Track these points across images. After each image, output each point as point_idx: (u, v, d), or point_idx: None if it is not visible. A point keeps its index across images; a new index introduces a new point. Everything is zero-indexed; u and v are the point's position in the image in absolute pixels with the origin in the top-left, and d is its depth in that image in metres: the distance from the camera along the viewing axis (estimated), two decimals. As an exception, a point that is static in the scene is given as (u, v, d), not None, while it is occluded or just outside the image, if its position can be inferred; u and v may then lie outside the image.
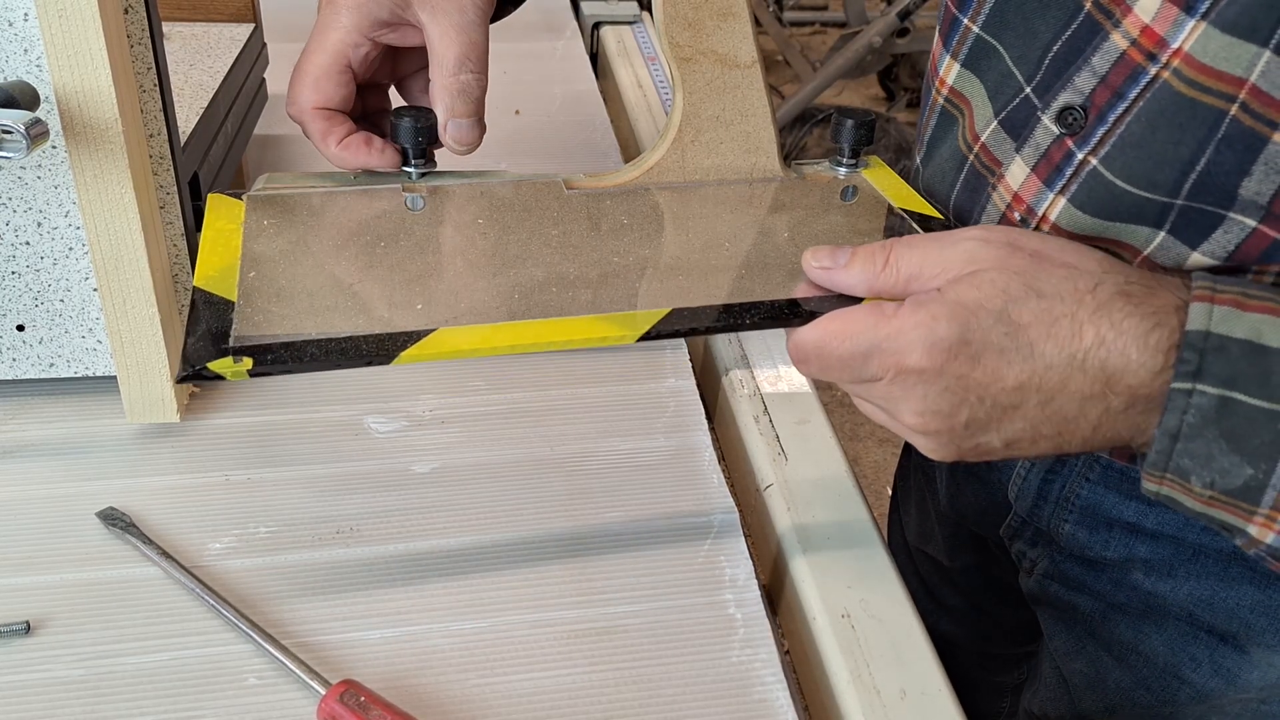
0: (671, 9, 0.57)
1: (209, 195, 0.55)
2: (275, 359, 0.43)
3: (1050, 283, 0.41)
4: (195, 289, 0.47)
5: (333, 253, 0.51)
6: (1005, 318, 0.41)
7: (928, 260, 0.44)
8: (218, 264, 0.49)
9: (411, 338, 0.45)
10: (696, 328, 0.47)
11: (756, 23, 0.59)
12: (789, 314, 0.48)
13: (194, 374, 0.42)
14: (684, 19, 0.57)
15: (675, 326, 0.47)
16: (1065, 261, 0.42)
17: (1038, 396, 0.41)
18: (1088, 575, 0.60)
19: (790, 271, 0.51)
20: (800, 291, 0.49)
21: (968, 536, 0.75)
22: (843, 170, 0.62)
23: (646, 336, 0.46)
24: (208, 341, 0.43)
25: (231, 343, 0.43)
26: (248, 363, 0.42)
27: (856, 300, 0.46)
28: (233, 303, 0.46)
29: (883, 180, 0.61)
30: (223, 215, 0.53)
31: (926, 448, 0.45)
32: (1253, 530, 0.40)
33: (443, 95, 0.56)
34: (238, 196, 0.56)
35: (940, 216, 0.56)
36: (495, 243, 0.53)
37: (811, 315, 0.46)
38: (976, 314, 0.41)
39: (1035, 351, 0.41)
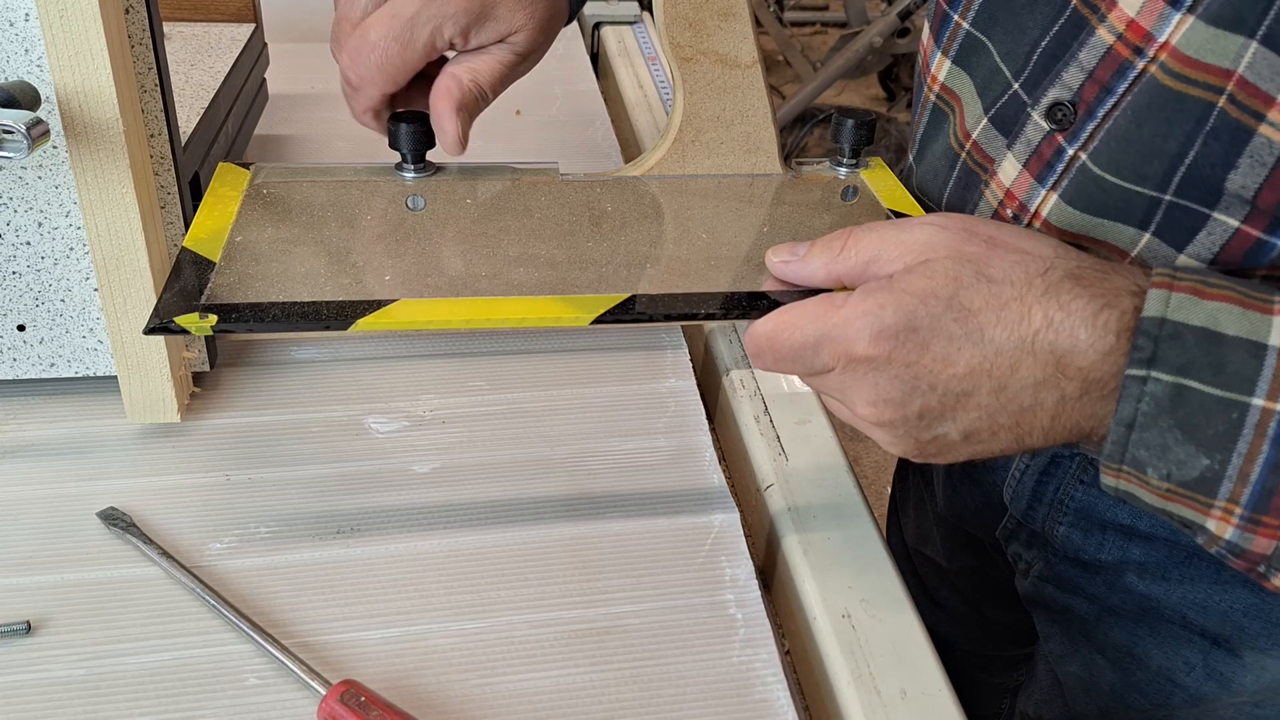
0: (672, 9, 0.57)
1: (220, 164, 0.57)
2: (239, 318, 0.45)
3: (1001, 268, 0.41)
4: (183, 249, 0.49)
5: (319, 228, 0.52)
6: (955, 304, 0.41)
7: (885, 243, 0.44)
8: (210, 227, 0.51)
9: (371, 306, 0.46)
10: (652, 314, 0.48)
11: (757, 23, 0.60)
12: (747, 305, 0.48)
13: (161, 327, 0.44)
14: (685, 19, 0.57)
15: (630, 312, 0.47)
16: (1018, 247, 0.42)
17: (989, 383, 0.41)
18: (1082, 578, 0.60)
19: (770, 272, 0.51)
20: (766, 287, 0.49)
21: (965, 538, 0.75)
22: (843, 170, 0.62)
23: (600, 320, 0.47)
24: (181, 298, 0.46)
25: (203, 300, 0.46)
26: (212, 319, 0.44)
27: (817, 293, 0.47)
28: (214, 263, 0.48)
29: (880, 181, 0.61)
30: (227, 182, 0.55)
31: (885, 441, 0.45)
32: (1211, 525, 0.40)
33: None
34: (246, 167, 0.57)
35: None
36: (477, 225, 0.54)
37: (770, 308, 0.46)
38: (925, 301, 0.41)
39: (985, 337, 0.40)
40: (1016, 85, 0.51)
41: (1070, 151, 0.48)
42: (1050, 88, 0.49)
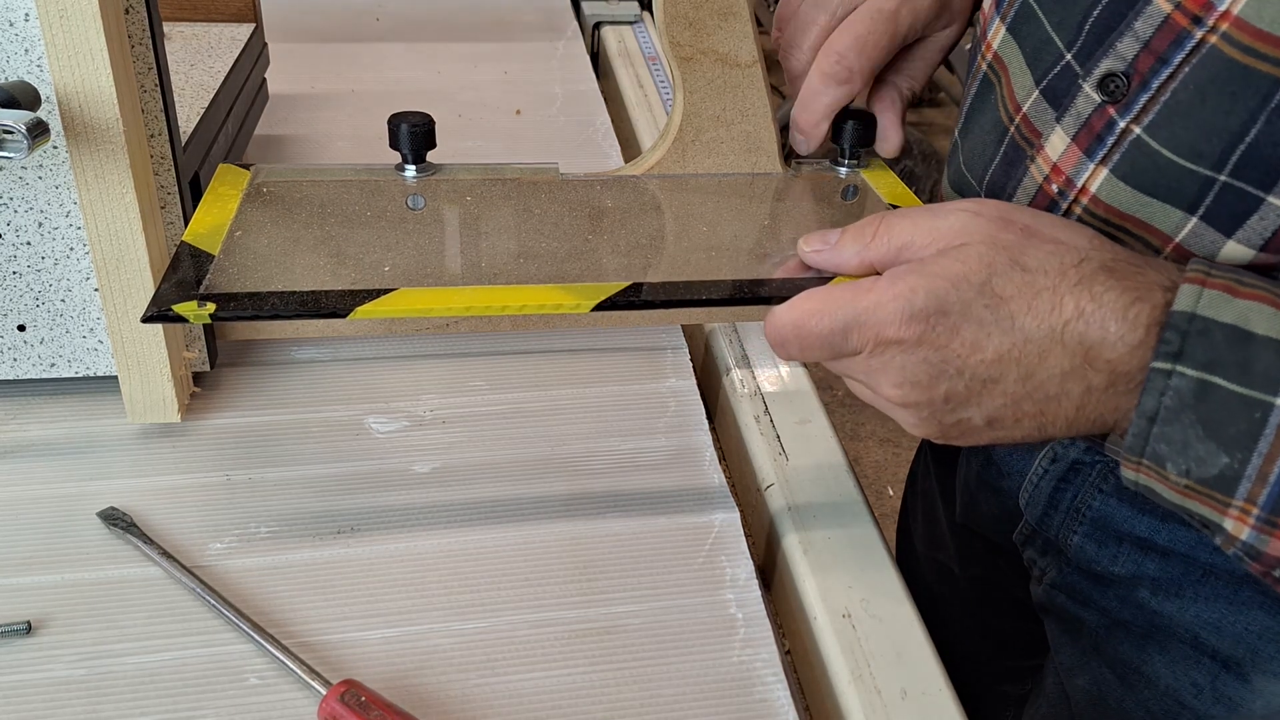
0: (672, 8, 0.57)
1: (220, 165, 0.57)
2: (238, 306, 0.45)
3: (1036, 257, 0.41)
4: (182, 243, 0.49)
5: (319, 225, 0.52)
6: (987, 290, 0.41)
7: (919, 229, 0.43)
8: (210, 223, 0.51)
9: (371, 295, 0.46)
10: (654, 301, 0.48)
11: (757, 22, 0.60)
12: (751, 294, 0.48)
13: (159, 315, 0.44)
14: (685, 18, 0.57)
15: (630, 299, 0.47)
16: (1053, 237, 0.42)
17: (1017, 370, 0.41)
18: (1094, 590, 0.60)
19: (773, 262, 0.51)
20: (776, 275, 0.49)
21: (980, 547, 0.75)
22: (843, 170, 0.62)
23: (600, 307, 0.47)
24: (179, 287, 0.46)
25: (202, 290, 0.45)
26: (210, 307, 0.44)
27: (823, 280, 0.47)
28: (213, 256, 0.48)
29: (880, 180, 0.61)
30: (227, 182, 0.55)
31: (908, 422, 0.45)
32: (1228, 525, 0.40)
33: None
34: (246, 168, 0.57)
35: None
36: (477, 223, 0.54)
37: (774, 297, 0.46)
38: (957, 285, 0.41)
39: (1015, 324, 0.40)
40: (1069, 56, 0.49)
41: (1122, 124, 0.47)
42: (1104, 59, 0.47)
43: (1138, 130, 0.46)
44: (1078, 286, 0.40)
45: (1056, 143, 0.50)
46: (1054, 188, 0.50)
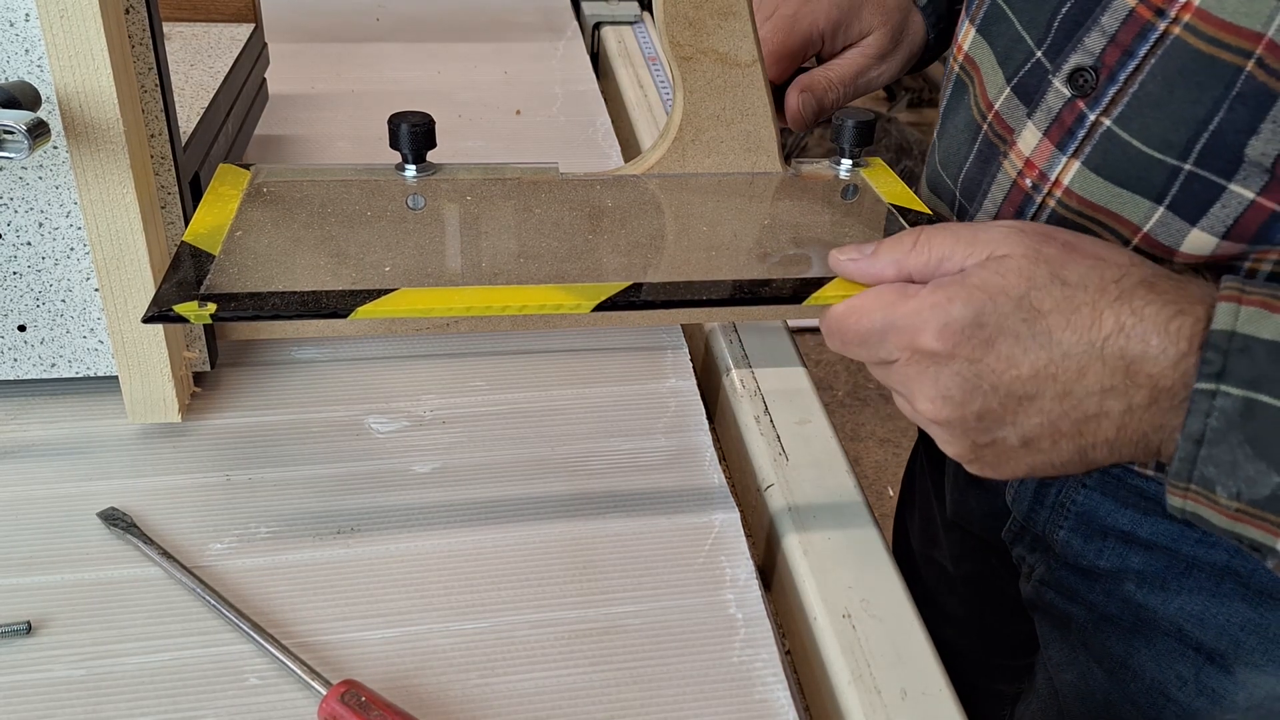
0: (672, 8, 0.57)
1: (220, 165, 0.57)
2: (239, 307, 0.45)
3: (1077, 271, 0.41)
4: (183, 243, 0.50)
5: (319, 225, 0.53)
6: (1025, 304, 0.40)
7: (959, 241, 0.43)
8: (210, 223, 0.52)
9: (371, 295, 0.46)
10: (654, 301, 0.48)
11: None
12: (751, 294, 0.48)
13: (160, 315, 0.44)
14: (685, 18, 0.57)
15: (630, 299, 0.47)
16: (1094, 253, 0.42)
17: (1054, 387, 0.40)
18: (1081, 584, 0.60)
19: (774, 262, 0.51)
20: (771, 275, 0.49)
21: (973, 545, 0.75)
22: (843, 170, 0.62)
23: (601, 307, 0.47)
24: (180, 287, 0.46)
25: (202, 290, 0.46)
26: (211, 307, 0.44)
27: (823, 282, 0.47)
28: (214, 256, 0.48)
29: (881, 180, 0.61)
30: (227, 182, 0.56)
31: (942, 439, 0.44)
32: None
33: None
34: (246, 168, 0.57)
35: (930, 214, 0.57)
36: (477, 223, 0.54)
37: (774, 297, 0.47)
38: (995, 298, 0.41)
39: (1053, 339, 0.40)
40: (1039, 54, 0.50)
41: (1092, 117, 0.47)
42: (1072, 54, 0.48)
43: (1108, 122, 0.47)
44: (1118, 301, 0.40)
45: (1029, 138, 0.51)
46: (1027, 182, 0.51)
